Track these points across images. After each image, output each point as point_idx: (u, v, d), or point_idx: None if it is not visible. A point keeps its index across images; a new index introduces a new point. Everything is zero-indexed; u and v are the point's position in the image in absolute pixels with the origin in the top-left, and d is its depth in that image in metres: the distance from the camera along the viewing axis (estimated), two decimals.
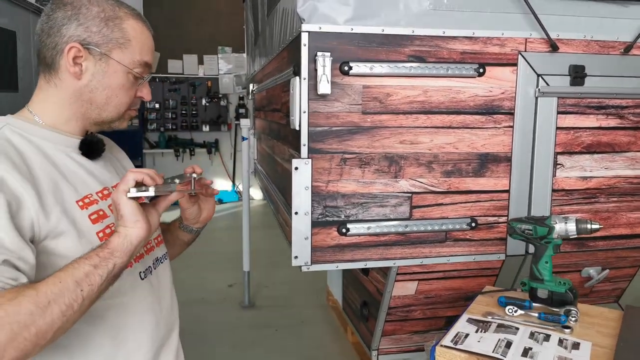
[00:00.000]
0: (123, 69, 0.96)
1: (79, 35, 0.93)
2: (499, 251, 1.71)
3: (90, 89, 0.96)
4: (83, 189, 0.98)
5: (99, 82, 0.96)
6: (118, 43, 0.95)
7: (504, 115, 1.63)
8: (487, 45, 1.60)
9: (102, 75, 0.96)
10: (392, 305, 1.78)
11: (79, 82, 0.95)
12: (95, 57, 0.95)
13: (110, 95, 0.97)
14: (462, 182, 1.64)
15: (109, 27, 0.95)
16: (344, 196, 1.57)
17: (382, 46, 1.53)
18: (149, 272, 1.07)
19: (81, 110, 0.98)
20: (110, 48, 0.95)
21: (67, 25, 0.92)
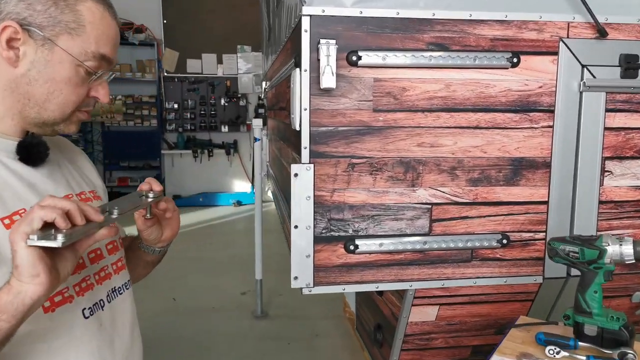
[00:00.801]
0: (71, 59, 0.80)
1: (19, 13, 0.77)
2: (535, 273, 1.46)
3: (28, 79, 0.80)
4: (13, 204, 0.79)
5: (39, 73, 0.79)
6: (68, 28, 0.79)
7: (541, 113, 1.39)
8: (522, 31, 1.35)
9: (44, 64, 0.79)
10: (409, 332, 1.55)
11: (15, 71, 0.79)
12: (37, 42, 0.78)
13: (52, 91, 0.81)
14: (491, 192, 1.40)
15: (58, 7, 0.78)
16: (352, 207, 1.35)
17: (397, 32, 1.30)
18: (98, 308, 0.87)
19: (17, 106, 0.82)
20: (56, 33, 0.79)
21: (8, 0, 0.77)
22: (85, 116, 0.87)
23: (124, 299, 0.95)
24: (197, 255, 4.82)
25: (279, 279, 4.00)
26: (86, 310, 0.84)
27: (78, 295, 0.83)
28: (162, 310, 3.49)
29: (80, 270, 0.86)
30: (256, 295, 3.60)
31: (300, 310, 3.61)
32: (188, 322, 3.41)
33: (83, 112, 0.87)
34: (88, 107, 0.87)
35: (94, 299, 0.87)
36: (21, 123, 0.83)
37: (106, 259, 0.93)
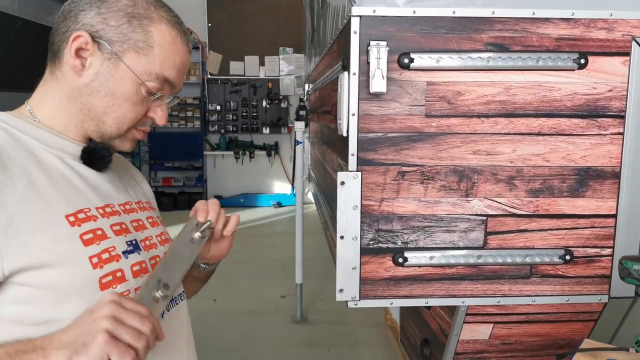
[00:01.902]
0: (133, 77, 0.80)
1: (93, 25, 0.79)
2: (600, 291, 1.34)
3: (91, 90, 0.80)
4: (78, 202, 0.80)
5: (101, 85, 0.80)
6: (136, 46, 0.80)
7: (611, 119, 1.27)
8: (591, 29, 1.24)
9: (107, 77, 0.80)
10: (459, 350, 1.46)
11: (79, 80, 0.80)
12: (104, 55, 0.79)
13: (111, 104, 0.81)
14: (553, 204, 1.29)
15: (131, 25, 0.80)
16: (402, 218, 1.28)
17: (453, 32, 1.22)
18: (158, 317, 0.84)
19: (79, 115, 0.83)
20: (124, 49, 0.79)
21: (86, 12, 0.79)
22: (141, 135, 0.87)
23: (180, 310, 0.93)
24: (239, 257, 4.84)
25: (319, 283, 3.96)
26: None
27: None
28: (203, 310, 3.50)
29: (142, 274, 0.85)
30: (296, 299, 3.56)
31: (341, 316, 3.55)
32: (227, 324, 3.41)
33: (139, 131, 0.87)
34: (145, 126, 0.87)
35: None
36: (82, 133, 0.84)
37: None
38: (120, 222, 0.85)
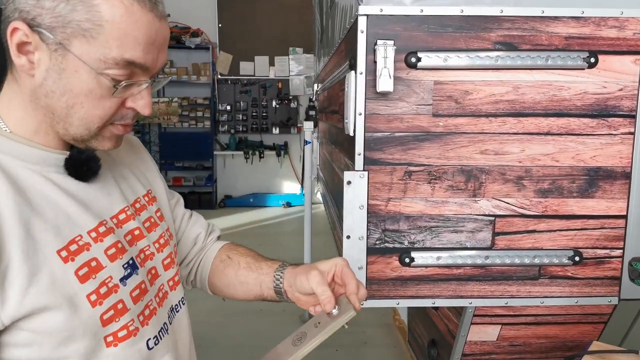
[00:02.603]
0: (87, 68, 0.64)
1: (28, 12, 0.62)
2: (610, 293, 1.33)
3: (46, 91, 0.66)
4: (69, 230, 0.70)
5: (55, 84, 0.65)
6: (81, 29, 0.62)
7: (622, 119, 1.26)
8: (601, 28, 1.23)
9: (59, 73, 0.65)
10: (467, 351, 1.45)
11: (33, 80, 0.66)
12: (50, 47, 0.64)
13: (71, 104, 0.66)
14: (562, 204, 1.28)
15: (69, 2, 0.62)
16: (408, 218, 1.27)
17: (461, 31, 1.21)
18: (164, 332, 0.80)
19: (46, 120, 0.69)
20: (67, 35, 0.63)
21: None
22: (121, 130, 0.73)
23: (182, 316, 0.89)
24: None
25: None
26: (150, 340, 0.77)
27: (143, 326, 0.76)
28: (211, 310, 3.51)
29: (143, 296, 0.77)
30: None
31: None
32: (235, 324, 3.42)
33: (117, 126, 0.72)
34: (125, 120, 0.72)
35: (158, 325, 0.79)
36: (57, 138, 0.72)
37: (162, 277, 0.84)
38: (115, 242, 0.75)
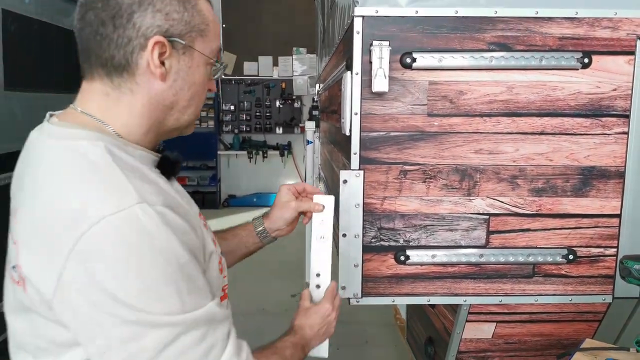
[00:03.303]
0: (205, 60, 0.79)
1: (160, 26, 0.72)
2: (603, 292, 1.34)
3: (175, 90, 0.77)
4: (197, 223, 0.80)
5: (183, 81, 0.77)
6: (199, 30, 0.77)
7: (615, 119, 1.27)
8: (595, 29, 1.24)
9: (187, 71, 0.77)
10: (462, 348, 1.47)
11: (162, 85, 0.76)
12: (179, 52, 0.76)
13: (194, 95, 0.80)
14: (556, 203, 1.29)
15: (187, 10, 0.75)
16: (404, 217, 1.29)
17: (455, 32, 1.23)
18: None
19: (160, 117, 0.79)
20: (192, 37, 0.76)
21: (140, 13, 0.71)
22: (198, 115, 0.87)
23: None
24: (250, 256, 4.87)
25: None
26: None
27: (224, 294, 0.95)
28: None
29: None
30: None
31: (351, 315, 3.55)
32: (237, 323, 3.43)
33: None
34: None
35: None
36: (157, 134, 0.81)
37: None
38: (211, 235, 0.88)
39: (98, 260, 0.63)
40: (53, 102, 2.38)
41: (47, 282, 0.65)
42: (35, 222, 0.68)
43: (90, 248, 0.63)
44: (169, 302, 0.67)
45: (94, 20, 0.72)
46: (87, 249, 0.63)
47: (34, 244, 0.67)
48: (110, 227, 0.64)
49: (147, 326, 0.65)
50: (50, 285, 0.65)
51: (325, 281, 1.10)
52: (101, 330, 0.65)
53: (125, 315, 0.64)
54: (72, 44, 0.82)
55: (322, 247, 1.11)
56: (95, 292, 0.64)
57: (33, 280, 0.67)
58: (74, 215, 0.65)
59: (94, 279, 0.63)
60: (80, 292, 0.64)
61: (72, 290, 0.64)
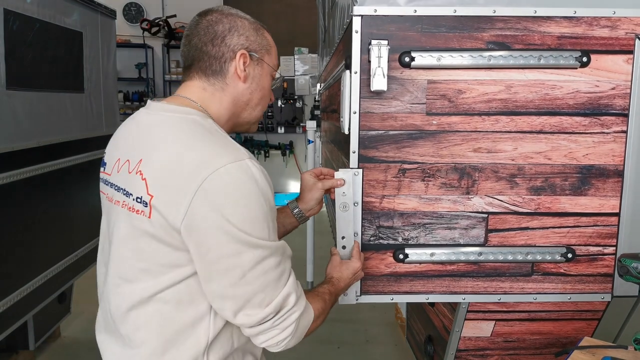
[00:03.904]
0: (270, 71, 1.09)
1: (243, 44, 1.04)
2: (603, 290, 1.34)
3: (250, 90, 1.07)
4: None
5: (256, 84, 1.07)
6: (266, 49, 1.08)
7: (614, 117, 1.27)
8: (593, 28, 1.24)
9: (259, 77, 1.07)
10: (461, 347, 1.47)
11: (243, 85, 1.05)
12: (254, 62, 1.06)
13: (261, 96, 1.09)
14: (555, 202, 1.29)
15: (259, 35, 1.07)
16: (402, 215, 1.29)
17: (454, 31, 1.23)
18: None
19: (237, 111, 1.07)
20: (262, 54, 1.07)
21: (230, 36, 1.03)
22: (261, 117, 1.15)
23: None
24: None
25: None
26: None
27: None
28: None
29: None
30: None
31: (352, 314, 3.56)
32: None
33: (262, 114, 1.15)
34: None
35: None
36: (232, 125, 1.09)
37: None
38: None
39: (219, 195, 0.86)
40: (55, 101, 2.40)
41: (177, 209, 0.87)
42: (170, 167, 0.89)
43: (214, 186, 0.86)
44: (263, 231, 0.91)
45: (198, 42, 1.02)
46: (210, 187, 0.86)
47: (168, 182, 0.88)
48: (229, 172, 0.87)
49: (247, 245, 0.88)
50: (180, 211, 0.86)
51: (350, 242, 1.27)
52: (216, 245, 0.87)
53: (235, 234, 0.87)
54: (72, 44, 0.89)
55: (345, 215, 1.26)
56: (216, 218, 0.86)
57: (162, 209, 0.88)
58: (201, 162, 0.88)
59: (215, 207, 0.86)
60: (205, 218, 0.86)
61: (199, 215, 0.86)
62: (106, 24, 2.96)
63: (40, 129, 2.28)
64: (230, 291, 0.90)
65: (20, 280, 2.17)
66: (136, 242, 0.93)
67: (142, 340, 0.94)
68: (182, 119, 0.97)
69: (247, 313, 0.91)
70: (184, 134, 0.94)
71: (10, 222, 2.09)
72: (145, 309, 0.94)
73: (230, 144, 0.94)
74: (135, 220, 0.92)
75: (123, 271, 0.96)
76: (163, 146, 0.93)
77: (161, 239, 0.89)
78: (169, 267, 0.91)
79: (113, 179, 1.01)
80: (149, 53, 6.95)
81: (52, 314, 2.91)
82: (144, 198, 0.90)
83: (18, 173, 2.10)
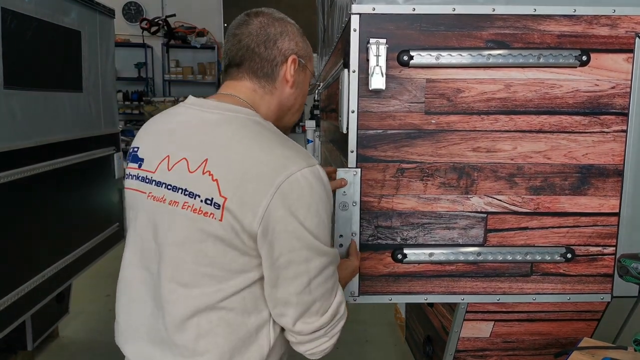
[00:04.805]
0: (310, 76, 1.08)
1: (293, 49, 1.03)
2: (602, 290, 1.33)
3: (295, 96, 1.07)
4: None
5: (300, 90, 1.07)
6: (309, 55, 1.08)
7: (614, 116, 1.26)
8: (593, 26, 1.24)
9: (303, 82, 1.07)
10: (460, 347, 1.46)
11: (290, 90, 1.04)
12: (300, 68, 1.05)
13: (302, 101, 1.10)
14: (555, 202, 1.29)
15: (305, 42, 1.07)
16: (401, 215, 1.28)
17: (453, 30, 1.23)
18: None
19: (280, 115, 1.06)
20: (307, 60, 1.07)
21: (281, 40, 1.02)
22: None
23: None
24: None
25: None
26: None
27: None
28: None
29: None
30: None
31: (351, 314, 3.50)
32: None
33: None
34: None
35: None
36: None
37: None
38: None
39: (295, 199, 0.86)
40: (52, 101, 2.39)
41: (254, 213, 0.85)
42: (245, 169, 0.87)
43: (290, 190, 0.86)
44: (328, 237, 0.92)
45: (251, 43, 1.00)
46: (287, 190, 0.86)
47: (244, 185, 0.86)
48: (305, 176, 0.88)
49: (316, 252, 0.89)
50: (258, 215, 0.85)
51: (347, 241, 1.27)
52: (288, 250, 0.87)
53: (307, 240, 0.88)
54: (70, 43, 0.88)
55: (343, 214, 1.27)
56: (291, 221, 0.86)
57: (237, 212, 0.86)
58: (277, 166, 0.87)
59: (291, 211, 0.86)
60: (280, 221, 0.86)
61: (274, 218, 0.85)
62: (105, 23, 2.95)
63: (38, 129, 2.27)
64: (295, 298, 0.89)
65: (18, 280, 2.16)
66: (200, 245, 0.88)
67: (206, 348, 0.90)
68: (246, 119, 0.95)
69: (305, 321, 0.91)
70: (254, 135, 0.92)
71: (8, 222, 2.08)
72: (208, 316, 0.90)
73: (300, 148, 0.94)
74: (202, 222, 0.87)
75: (180, 275, 0.90)
76: (234, 147, 0.90)
77: (230, 242, 0.87)
78: (235, 273, 0.89)
79: (161, 176, 0.93)
80: (149, 52, 6.94)
81: (51, 314, 2.90)
82: (216, 200, 0.86)
83: (16, 172, 2.09)
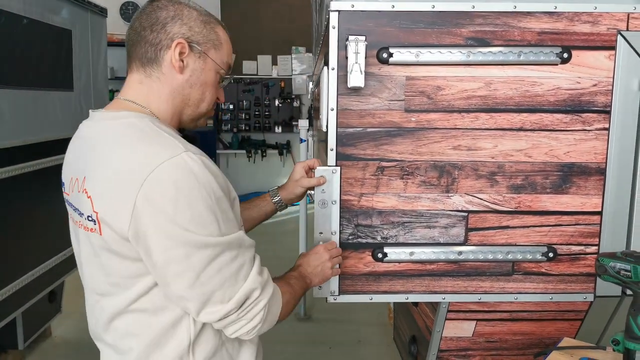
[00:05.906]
0: (215, 67, 1.02)
1: (184, 33, 0.98)
2: (585, 290, 1.32)
3: (190, 84, 1.00)
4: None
5: (197, 78, 1.00)
6: (213, 44, 1.01)
7: (596, 114, 1.25)
8: (574, 23, 1.23)
9: (200, 72, 1.00)
10: (443, 347, 1.45)
11: (180, 77, 0.99)
12: (195, 55, 0.99)
13: (204, 92, 1.02)
14: (536, 200, 1.28)
15: (207, 28, 1.00)
16: (381, 213, 1.27)
17: (432, 27, 1.22)
18: None
19: (180, 105, 1.01)
20: (207, 47, 1.00)
21: (171, 24, 0.97)
22: (212, 113, 1.08)
23: None
24: None
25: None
26: None
27: None
28: None
29: None
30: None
31: (344, 314, 3.54)
32: None
33: (211, 110, 1.08)
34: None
35: None
36: (178, 122, 1.03)
37: None
38: None
39: (159, 197, 0.84)
40: (42, 99, 2.39)
41: (122, 218, 0.85)
42: (110, 177, 0.88)
43: (154, 186, 0.84)
44: (211, 227, 0.87)
45: (138, 26, 0.97)
46: (151, 187, 0.84)
47: (110, 193, 0.87)
48: (166, 170, 0.84)
49: (194, 246, 0.86)
50: (125, 220, 0.85)
51: (326, 238, 1.27)
52: (162, 251, 0.85)
53: (180, 236, 0.85)
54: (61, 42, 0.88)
55: (323, 212, 1.26)
56: (159, 221, 0.84)
57: (110, 221, 0.87)
58: (138, 165, 0.85)
59: (157, 210, 0.84)
60: (148, 222, 0.84)
61: (142, 220, 0.84)
62: (96, 22, 2.95)
63: (27, 128, 2.27)
64: (187, 293, 0.88)
65: (8, 278, 2.16)
66: (99, 259, 0.93)
67: (128, 347, 0.96)
68: (119, 124, 0.94)
69: (208, 311, 0.90)
70: (120, 138, 0.92)
71: None
72: (124, 319, 0.95)
73: (166, 140, 0.90)
74: (92, 238, 0.92)
75: (97, 287, 0.98)
76: (104, 158, 0.91)
77: (118, 252, 0.89)
78: (134, 278, 0.91)
79: (71, 198, 0.99)
80: None
81: (42, 313, 2.90)
82: (92, 215, 0.90)
83: (5, 171, 2.09)
